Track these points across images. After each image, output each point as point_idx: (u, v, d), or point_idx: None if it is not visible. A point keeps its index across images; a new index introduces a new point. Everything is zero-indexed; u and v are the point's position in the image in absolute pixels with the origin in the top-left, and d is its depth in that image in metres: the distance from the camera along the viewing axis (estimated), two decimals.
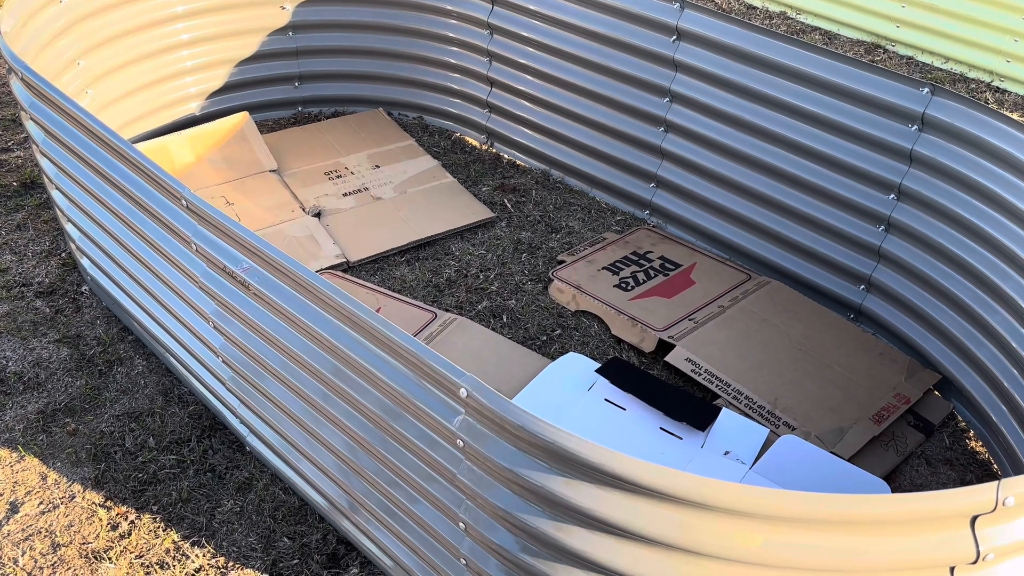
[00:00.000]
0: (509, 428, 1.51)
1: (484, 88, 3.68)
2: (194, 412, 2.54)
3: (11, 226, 3.25)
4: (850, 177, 2.74)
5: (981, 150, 2.44)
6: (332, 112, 3.92)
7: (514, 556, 1.61)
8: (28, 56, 2.80)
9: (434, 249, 3.17)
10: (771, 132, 2.88)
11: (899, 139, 2.61)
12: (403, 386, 1.72)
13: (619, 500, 1.44)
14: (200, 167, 3.37)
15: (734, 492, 1.38)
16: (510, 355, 2.67)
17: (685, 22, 2.98)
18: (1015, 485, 1.41)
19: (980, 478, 2.45)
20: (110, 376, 2.65)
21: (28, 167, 3.56)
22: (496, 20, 3.51)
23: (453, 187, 3.45)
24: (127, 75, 3.40)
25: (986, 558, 1.44)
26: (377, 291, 2.91)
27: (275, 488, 2.33)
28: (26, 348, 2.74)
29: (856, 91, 2.65)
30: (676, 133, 3.15)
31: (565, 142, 3.49)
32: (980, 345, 2.48)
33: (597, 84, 3.29)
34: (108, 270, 2.68)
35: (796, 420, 2.46)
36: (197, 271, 2.19)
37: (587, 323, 2.86)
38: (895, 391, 2.56)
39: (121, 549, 2.20)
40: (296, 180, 3.41)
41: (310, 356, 1.94)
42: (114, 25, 3.31)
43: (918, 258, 2.65)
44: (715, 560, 1.44)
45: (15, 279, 3.01)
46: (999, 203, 2.40)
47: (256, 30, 3.67)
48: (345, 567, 2.16)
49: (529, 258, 3.13)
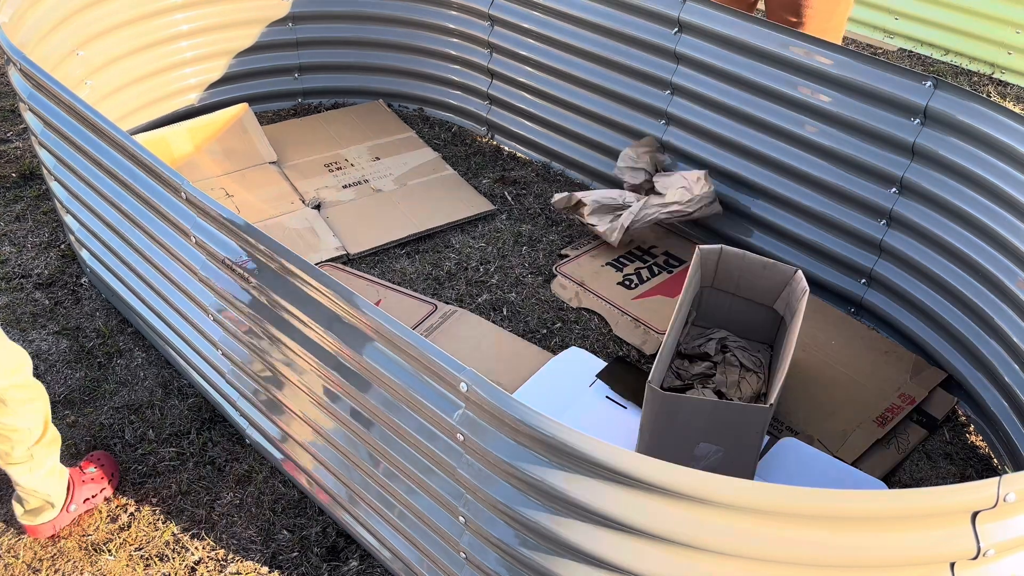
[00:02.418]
0: (509, 423, 1.51)
1: (485, 80, 3.67)
2: (194, 404, 2.54)
3: (10, 217, 3.24)
4: (852, 171, 2.74)
5: (983, 144, 2.44)
6: (332, 104, 3.91)
7: (513, 550, 1.61)
8: (27, 47, 2.79)
9: (434, 242, 3.17)
10: (773, 125, 2.87)
11: (901, 132, 2.60)
12: (403, 380, 1.72)
13: (620, 495, 1.44)
14: (199, 158, 3.36)
15: (735, 488, 1.38)
16: (510, 348, 2.67)
17: (687, 14, 2.97)
18: (1016, 481, 1.40)
19: (981, 473, 2.45)
20: (109, 368, 2.65)
21: (27, 158, 3.55)
22: (497, 12, 3.50)
23: (453, 179, 3.44)
24: (126, 66, 3.39)
25: (987, 554, 1.44)
26: (377, 283, 2.90)
27: (275, 481, 2.33)
28: (25, 340, 2.74)
29: (858, 84, 2.64)
30: (677, 126, 3.14)
31: (566, 134, 3.48)
32: (981, 339, 2.48)
33: (598, 76, 3.28)
34: (107, 262, 2.67)
35: (798, 424, 2.46)
36: (196, 263, 2.19)
37: (587, 317, 2.86)
38: (900, 391, 2.55)
39: (121, 541, 2.20)
40: (296, 172, 3.41)
41: (310, 349, 1.94)
42: (113, 16, 3.30)
43: (919, 252, 2.64)
44: (716, 555, 1.44)
45: (14, 270, 3.00)
46: (1001, 197, 2.39)
47: (256, 21, 3.66)
48: (345, 560, 2.16)
49: (529, 251, 3.13)
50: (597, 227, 2.96)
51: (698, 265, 2.49)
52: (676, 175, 3.00)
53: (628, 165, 3.06)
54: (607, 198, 3.00)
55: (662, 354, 2.24)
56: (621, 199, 2.97)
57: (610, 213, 2.96)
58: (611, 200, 2.98)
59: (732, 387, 2.44)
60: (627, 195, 2.97)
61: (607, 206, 2.98)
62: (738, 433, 2.11)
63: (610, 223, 2.93)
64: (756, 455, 2.17)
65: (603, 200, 2.99)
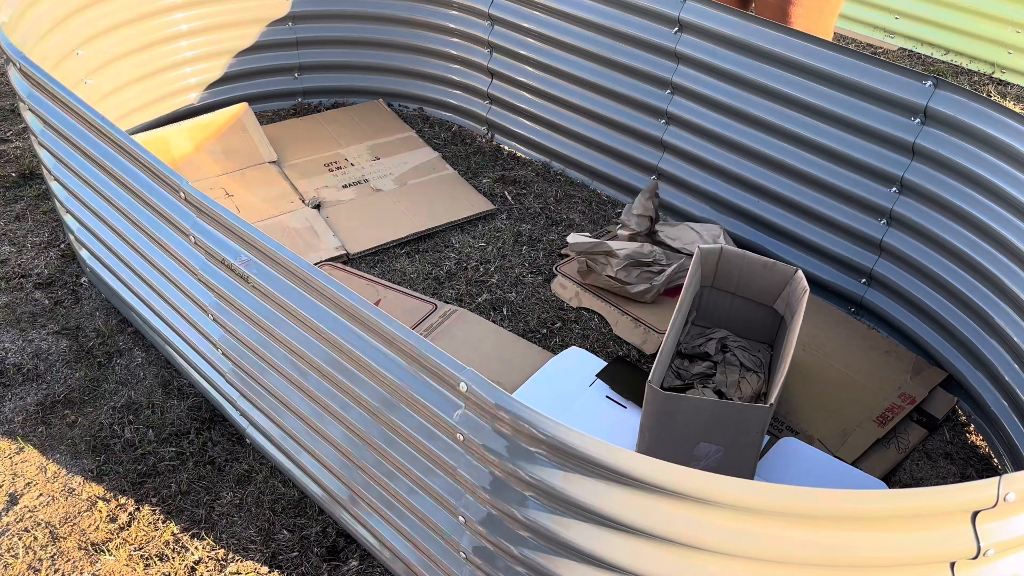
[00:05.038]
0: (509, 423, 1.51)
1: (485, 79, 3.67)
2: (193, 404, 2.54)
3: (10, 217, 3.24)
4: (852, 170, 2.74)
5: (984, 143, 2.43)
6: (332, 103, 3.91)
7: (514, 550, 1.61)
8: (26, 46, 2.79)
9: (434, 241, 3.16)
10: (773, 124, 2.87)
11: (901, 132, 2.60)
12: (402, 379, 1.72)
13: (620, 495, 1.44)
14: (199, 158, 3.36)
15: (736, 488, 1.37)
16: (510, 347, 2.66)
17: (687, 13, 2.97)
18: (1016, 481, 1.40)
19: (981, 472, 2.45)
20: (109, 368, 2.65)
21: (27, 158, 3.55)
22: (497, 11, 3.49)
23: (453, 179, 3.44)
24: (126, 65, 3.39)
25: (987, 554, 1.44)
26: (377, 283, 2.90)
27: (274, 480, 2.33)
28: (25, 339, 2.74)
29: (858, 83, 2.64)
30: (678, 125, 3.14)
31: (566, 134, 3.48)
32: (981, 339, 2.48)
33: (598, 76, 3.28)
34: (107, 261, 2.67)
35: (798, 424, 2.46)
36: (196, 263, 2.19)
37: (587, 316, 2.85)
38: (900, 391, 2.55)
39: (120, 541, 2.20)
40: (296, 171, 3.41)
41: (309, 349, 1.94)
42: (113, 15, 3.30)
43: (920, 252, 2.64)
44: (716, 555, 1.44)
45: (14, 270, 3.00)
46: (1001, 196, 2.39)
47: (256, 20, 3.66)
48: (344, 559, 2.16)
49: (529, 251, 3.13)
50: (628, 286, 2.80)
51: (698, 265, 2.49)
52: (683, 227, 2.97)
53: (638, 213, 2.92)
54: (639, 253, 2.81)
55: (662, 354, 2.24)
56: (652, 255, 2.81)
57: (638, 268, 2.80)
58: (643, 256, 2.81)
59: (732, 387, 2.44)
60: (656, 250, 2.82)
61: (639, 262, 2.81)
62: (738, 433, 2.11)
63: (644, 285, 2.79)
64: (756, 455, 2.17)
65: (636, 256, 2.81)
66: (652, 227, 2.93)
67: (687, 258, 2.87)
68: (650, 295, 2.81)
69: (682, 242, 2.93)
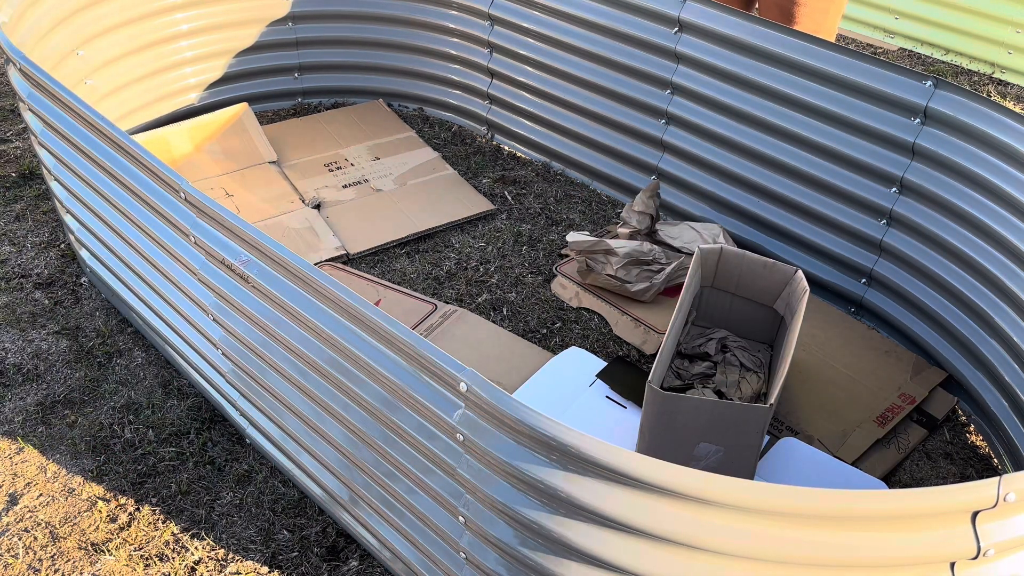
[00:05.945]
0: (509, 423, 1.51)
1: (485, 80, 3.67)
2: (193, 404, 2.54)
3: (10, 217, 3.24)
4: (852, 170, 2.74)
5: (984, 143, 2.43)
6: (332, 103, 3.91)
7: (513, 550, 1.61)
8: (26, 46, 2.79)
9: (434, 241, 3.16)
10: (773, 125, 2.87)
11: (901, 132, 2.60)
12: (402, 379, 1.72)
13: (620, 495, 1.44)
14: (199, 158, 3.36)
15: (736, 488, 1.37)
16: (510, 347, 2.66)
17: (687, 13, 2.97)
18: (1016, 481, 1.40)
19: (981, 473, 2.45)
20: (109, 368, 2.65)
21: (27, 158, 3.55)
22: (497, 11, 3.49)
23: (453, 179, 3.44)
24: (126, 65, 3.39)
25: (987, 554, 1.44)
26: (377, 283, 2.90)
27: (275, 481, 2.33)
28: (25, 339, 2.74)
29: (858, 83, 2.64)
30: (677, 125, 3.14)
31: (566, 134, 3.48)
32: (981, 339, 2.48)
33: (598, 76, 3.28)
34: (107, 262, 2.67)
35: (798, 424, 2.46)
36: (196, 263, 2.19)
37: (587, 316, 2.85)
38: (900, 391, 2.55)
39: (120, 541, 2.20)
40: (296, 171, 3.41)
41: (309, 349, 1.94)
42: (113, 15, 3.30)
43: (920, 252, 2.64)
44: (716, 555, 1.44)
45: (14, 270, 3.00)
46: (1001, 197, 2.39)
47: (256, 20, 3.66)
48: (344, 560, 2.16)
49: (529, 251, 3.13)
50: (627, 284, 2.80)
51: (698, 265, 2.49)
52: (683, 226, 2.97)
53: (639, 210, 2.93)
54: (639, 252, 2.81)
55: (662, 354, 2.24)
56: (651, 254, 2.81)
57: (637, 267, 2.81)
58: (642, 255, 2.81)
59: (732, 387, 2.44)
60: (655, 249, 2.83)
61: (638, 260, 2.81)
62: (738, 433, 2.11)
63: (644, 284, 2.79)
64: (756, 455, 2.17)
65: (635, 254, 2.81)
66: (652, 225, 2.93)
67: (687, 257, 2.87)
68: (650, 294, 2.81)
69: (682, 241, 2.93)
